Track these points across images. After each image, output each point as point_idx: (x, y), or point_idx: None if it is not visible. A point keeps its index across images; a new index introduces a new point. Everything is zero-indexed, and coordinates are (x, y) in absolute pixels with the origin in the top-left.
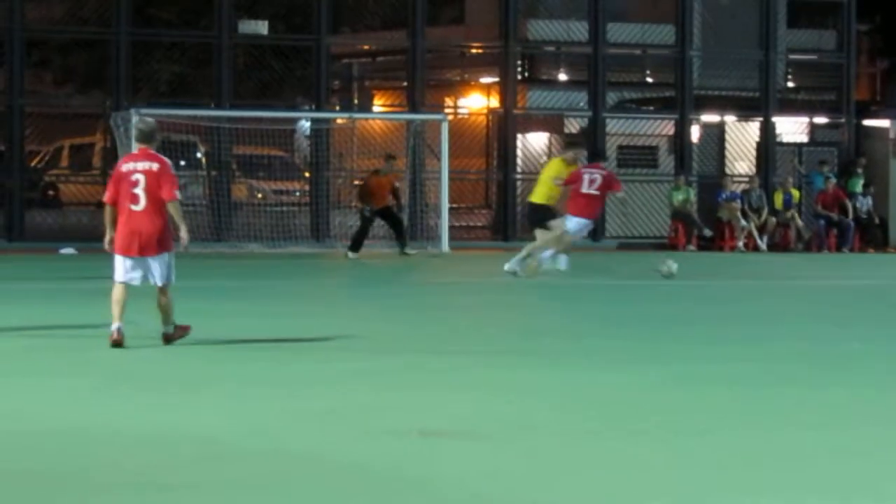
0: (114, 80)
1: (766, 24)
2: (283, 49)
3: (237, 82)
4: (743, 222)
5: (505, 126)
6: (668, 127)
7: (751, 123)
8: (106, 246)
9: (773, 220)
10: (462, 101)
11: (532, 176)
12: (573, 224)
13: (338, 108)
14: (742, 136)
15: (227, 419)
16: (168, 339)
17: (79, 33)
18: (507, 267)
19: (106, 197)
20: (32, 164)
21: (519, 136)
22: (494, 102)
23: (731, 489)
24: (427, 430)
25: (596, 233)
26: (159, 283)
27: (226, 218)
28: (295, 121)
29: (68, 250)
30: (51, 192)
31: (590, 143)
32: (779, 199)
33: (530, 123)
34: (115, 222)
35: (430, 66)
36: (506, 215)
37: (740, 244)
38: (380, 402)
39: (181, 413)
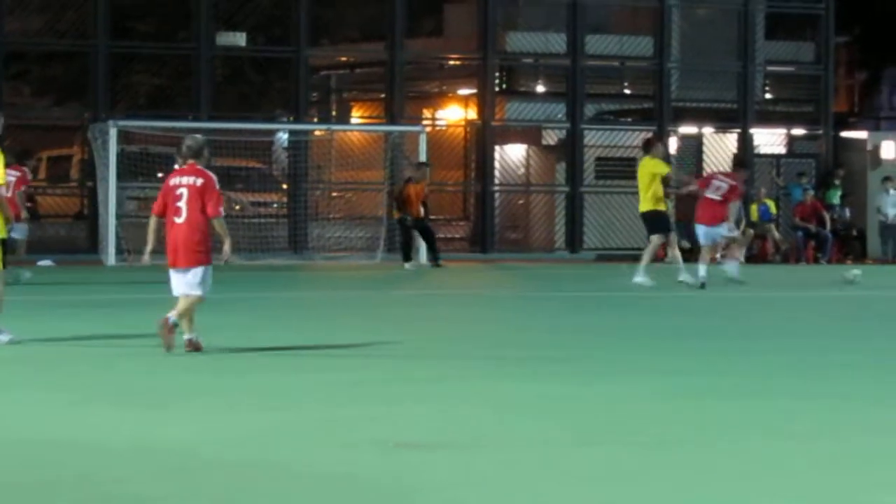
0: (92, 92)
1: (744, 36)
2: (262, 61)
3: (216, 94)
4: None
5: (483, 138)
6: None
7: (729, 135)
8: (146, 257)
9: (751, 231)
10: (440, 113)
11: (510, 188)
12: (701, 232)
13: (316, 120)
14: (720, 148)
15: (205, 431)
16: (192, 346)
17: (57, 45)
18: (635, 280)
19: (154, 208)
20: None
21: (497, 147)
22: (473, 114)
23: (715, 500)
24: (406, 442)
25: (574, 244)
26: (185, 292)
27: None
28: (273, 133)
29: (46, 262)
30: (28, 204)
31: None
32: (755, 211)
33: (508, 135)
34: (158, 234)
35: (408, 78)
36: (484, 227)
37: (718, 256)
38: (359, 414)
39: (159, 425)
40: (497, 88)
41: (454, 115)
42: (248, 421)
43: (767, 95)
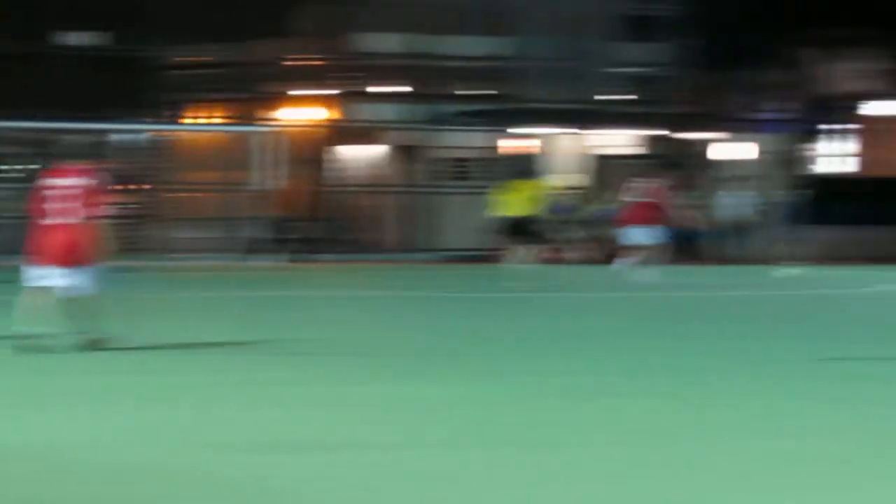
0: None
1: (597, 38)
2: (117, 60)
3: (66, 94)
4: (567, 234)
5: (334, 138)
6: (495, 139)
7: (576, 136)
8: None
9: (597, 232)
10: (294, 114)
11: (363, 188)
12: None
13: (169, 120)
14: (567, 149)
15: (72, 432)
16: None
17: None
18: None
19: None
20: None
21: (347, 147)
22: (323, 114)
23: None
24: (262, 443)
25: (428, 245)
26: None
27: None
28: (126, 133)
29: None
30: None
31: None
32: (595, 210)
33: (361, 135)
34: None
35: (262, 79)
36: (337, 228)
37: (562, 256)
38: (213, 416)
39: (22, 427)
40: (347, 89)
41: (306, 115)
42: (110, 422)
43: (616, 97)
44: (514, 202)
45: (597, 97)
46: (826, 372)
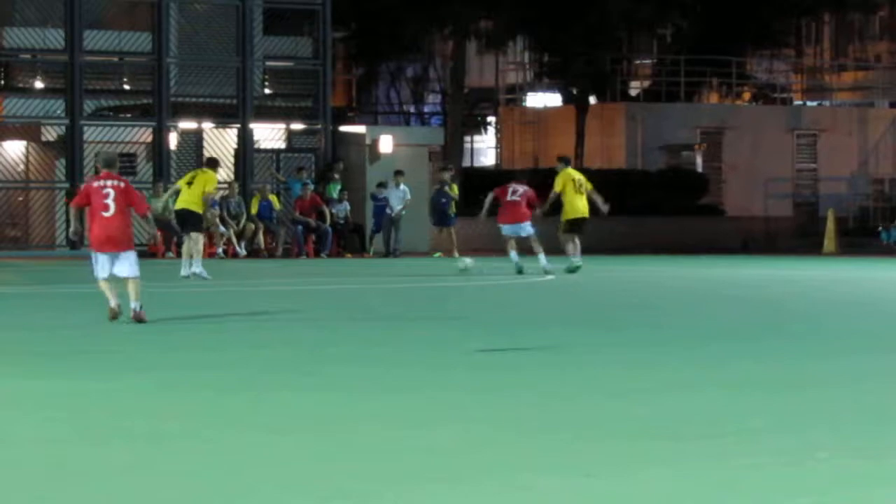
0: None
1: (241, 32)
2: None
3: None
4: (222, 229)
5: None
6: (146, 134)
7: (229, 130)
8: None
9: (252, 226)
10: None
11: (9, 184)
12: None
13: None
14: (220, 143)
15: None
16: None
17: None
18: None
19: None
20: None
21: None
22: None
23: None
24: None
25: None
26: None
27: None
28: None
29: None
30: None
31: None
32: (255, 206)
33: (7, 132)
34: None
35: None
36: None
37: (220, 251)
38: None
39: None
40: None
41: None
42: None
43: (266, 90)
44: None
45: (242, 91)
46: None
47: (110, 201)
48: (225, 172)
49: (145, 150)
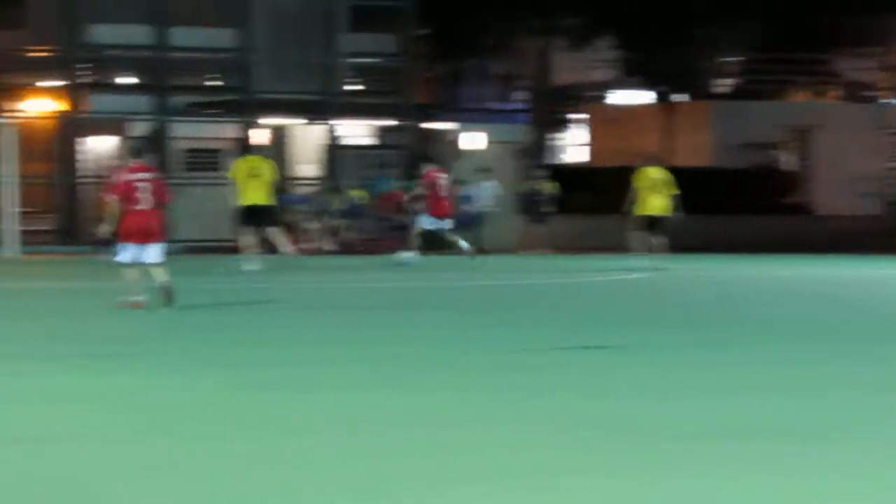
0: None
1: (327, 29)
2: None
3: None
4: (310, 225)
5: (70, 130)
6: (233, 130)
7: (315, 127)
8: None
9: (340, 223)
10: (27, 106)
11: (98, 180)
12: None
13: None
14: (307, 140)
15: None
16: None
17: None
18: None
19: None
20: None
21: (84, 140)
22: (59, 106)
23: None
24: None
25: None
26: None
27: None
28: None
29: None
30: None
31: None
32: (343, 202)
33: (95, 127)
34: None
35: None
36: (72, 220)
37: (308, 247)
38: None
39: None
40: (83, 80)
41: (41, 107)
42: None
43: (352, 87)
44: (250, 191)
45: (329, 88)
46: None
47: (144, 194)
48: (312, 169)
49: (232, 147)
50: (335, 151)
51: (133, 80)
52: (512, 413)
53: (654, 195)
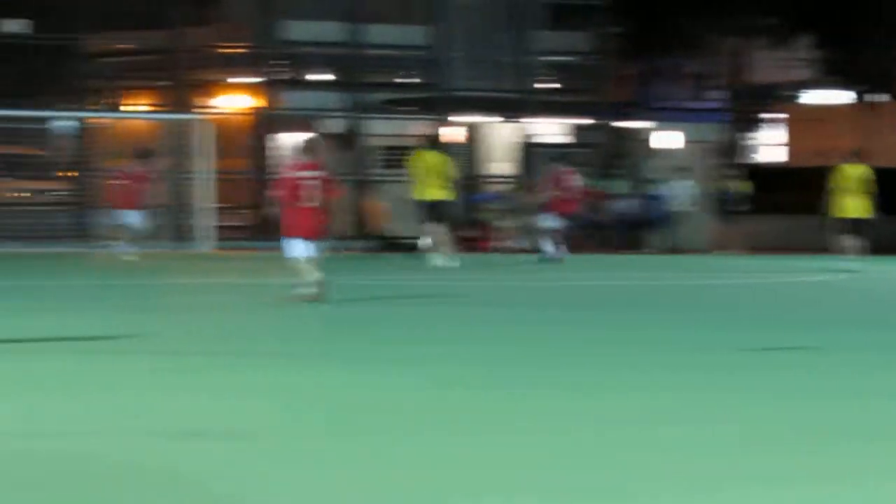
0: None
1: (523, 26)
2: (42, 48)
3: None
4: (502, 223)
5: (264, 127)
6: (426, 128)
7: (509, 125)
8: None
9: (532, 221)
10: (223, 102)
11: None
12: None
13: (96, 107)
14: (500, 138)
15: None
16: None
17: None
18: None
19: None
20: None
21: (278, 136)
22: (254, 103)
23: (475, 489)
24: (191, 431)
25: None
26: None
27: None
28: (53, 120)
29: None
30: None
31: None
32: (537, 201)
33: (290, 124)
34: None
35: (189, 67)
36: (267, 216)
37: (499, 245)
38: (140, 404)
39: None
40: (277, 77)
41: (236, 103)
42: (19, 408)
43: (547, 85)
44: (431, 186)
45: (523, 86)
46: (748, 361)
47: (312, 192)
48: (504, 167)
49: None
50: (528, 150)
51: (326, 76)
52: (729, 414)
53: (852, 195)
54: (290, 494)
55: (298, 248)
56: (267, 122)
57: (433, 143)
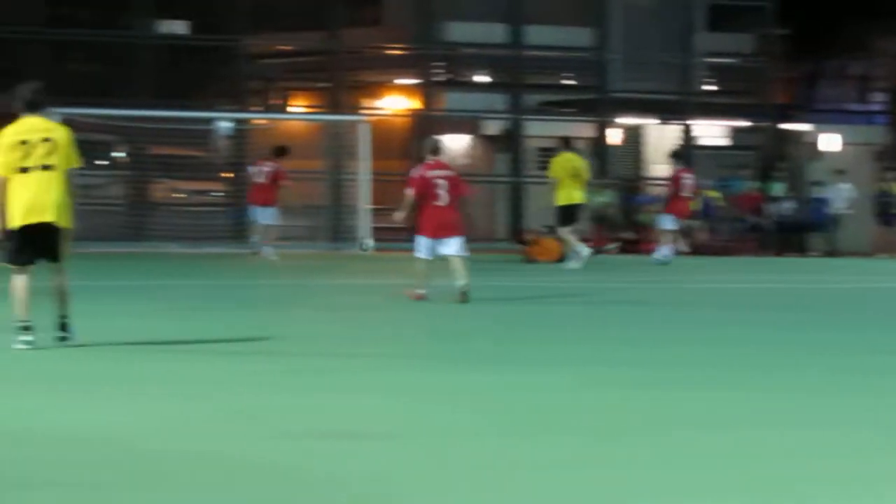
0: (29, 79)
1: (685, 28)
2: (202, 49)
3: (155, 82)
4: (650, 225)
5: (424, 128)
6: (587, 129)
7: (670, 126)
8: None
9: (693, 223)
10: (381, 103)
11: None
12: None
13: (256, 108)
14: (661, 140)
15: (131, 419)
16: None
17: None
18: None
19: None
20: None
21: (436, 137)
22: (413, 104)
23: (639, 491)
24: (336, 431)
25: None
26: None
27: (144, 218)
28: (214, 121)
29: None
30: None
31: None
32: (698, 203)
33: (449, 125)
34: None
35: (348, 68)
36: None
37: (643, 246)
38: (288, 404)
39: (84, 413)
40: (437, 78)
41: (395, 104)
42: (173, 410)
43: (708, 87)
44: (572, 189)
45: (685, 87)
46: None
47: (442, 191)
48: (665, 169)
49: (586, 146)
50: (690, 152)
51: (487, 78)
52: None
53: None
54: (441, 496)
55: (425, 248)
56: (427, 124)
57: (568, 145)
